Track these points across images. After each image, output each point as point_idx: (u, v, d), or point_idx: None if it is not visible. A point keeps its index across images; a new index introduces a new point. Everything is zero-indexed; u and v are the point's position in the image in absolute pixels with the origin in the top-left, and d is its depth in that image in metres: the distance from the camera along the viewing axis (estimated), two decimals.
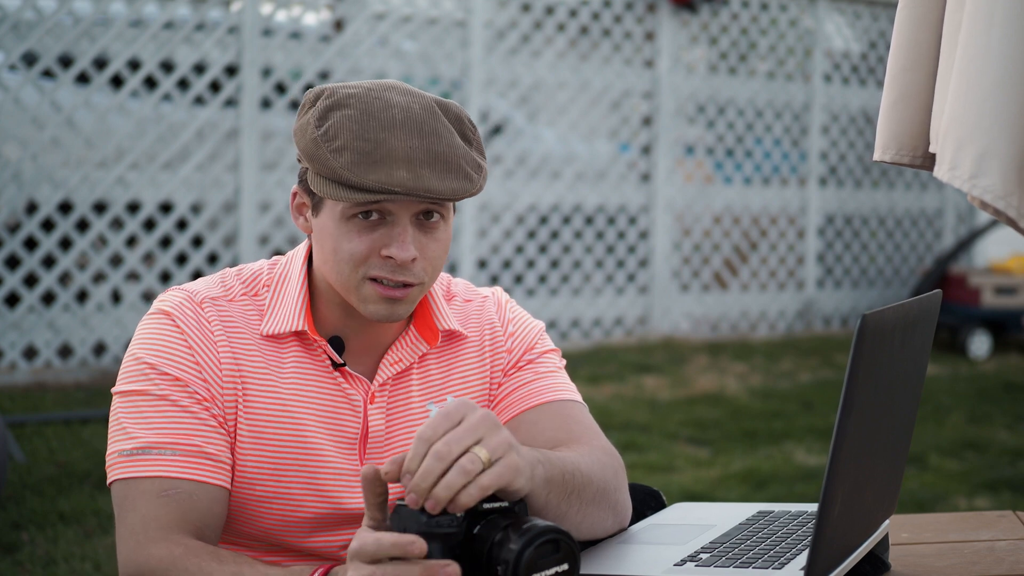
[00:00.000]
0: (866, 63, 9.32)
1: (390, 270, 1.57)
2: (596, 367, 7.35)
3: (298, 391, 1.63)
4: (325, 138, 1.54)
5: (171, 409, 1.56)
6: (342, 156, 1.52)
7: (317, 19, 7.51)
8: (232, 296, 1.65)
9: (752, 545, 1.51)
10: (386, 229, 1.57)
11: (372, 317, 1.60)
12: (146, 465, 1.54)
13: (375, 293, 1.58)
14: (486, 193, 7.75)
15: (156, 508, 1.52)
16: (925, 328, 1.52)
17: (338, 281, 1.60)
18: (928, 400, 6.44)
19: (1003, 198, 1.70)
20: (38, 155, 6.33)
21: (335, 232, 1.58)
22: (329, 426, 1.63)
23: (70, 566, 3.78)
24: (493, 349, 1.74)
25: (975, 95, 1.70)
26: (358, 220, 1.56)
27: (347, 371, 1.65)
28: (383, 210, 1.56)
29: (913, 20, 1.91)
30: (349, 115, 1.54)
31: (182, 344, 1.59)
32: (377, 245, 1.57)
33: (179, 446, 1.55)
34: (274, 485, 1.61)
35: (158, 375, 1.57)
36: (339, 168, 1.52)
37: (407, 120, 1.54)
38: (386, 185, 1.51)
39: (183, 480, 1.54)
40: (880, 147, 1.95)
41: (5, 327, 6.28)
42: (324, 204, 1.59)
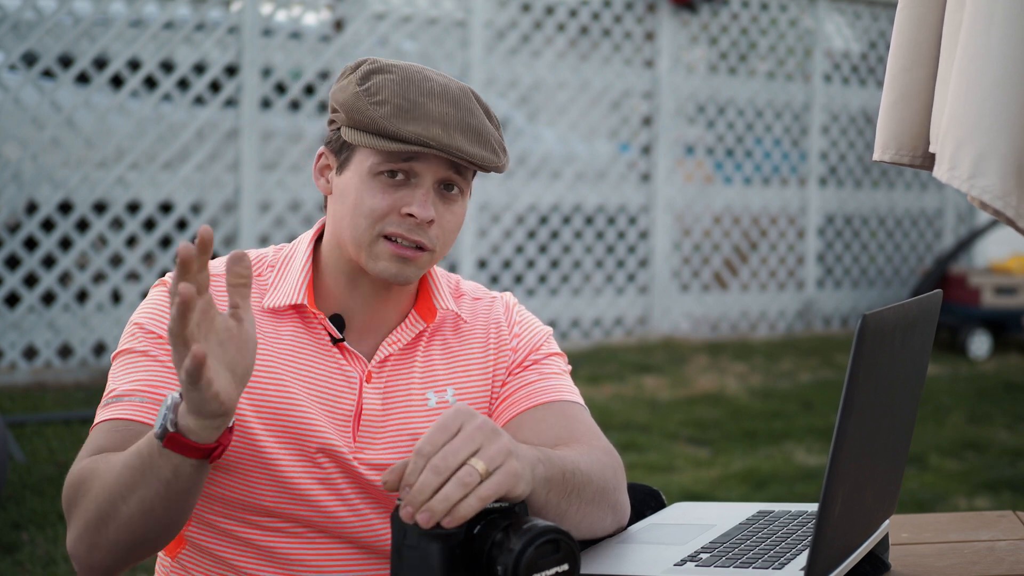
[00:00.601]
0: (866, 63, 9.32)
1: (407, 228, 1.61)
2: (596, 367, 7.35)
3: (292, 364, 1.65)
4: (367, 93, 1.61)
5: (147, 362, 1.61)
6: (382, 108, 1.59)
7: (317, 19, 7.51)
8: None
9: (752, 545, 1.51)
10: (409, 190, 1.62)
11: (380, 274, 1.63)
12: (114, 409, 1.58)
13: (387, 250, 1.62)
14: (486, 193, 7.76)
15: (104, 441, 1.55)
16: (926, 328, 1.52)
17: (352, 237, 1.63)
18: (928, 400, 6.44)
19: (1001, 198, 1.70)
20: (38, 155, 6.33)
21: (360, 187, 1.63)
22: (323, 401, 1.65)
23: (70, 566, 3.78)
24: (498, 347, 1.75)
25: (975, 95, 1.70)
26: (384, 178, 1.62)
27: (346, 347, 1.67)
28: (410, 170, 1.61)
29: (913, 20, 1.91)
30: (391, 78, 1.62)
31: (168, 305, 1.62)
32: (398, 203, 1.62)
33: (147, 393, 1.58)
34: (267, 452, 1.61)
35: (144, 333, 1.63)
36: (379, 118, 1.59)
37: (444, 92, 1.62)
38: (422, 137, 1.58)
39: (138, 423, 1.56)
40: (880, 147, 1.95)
41: (5, 327, 6.28)
42: (352, 161, 1.64)
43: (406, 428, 1.68)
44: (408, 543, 1.28)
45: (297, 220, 7.05)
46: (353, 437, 1.65)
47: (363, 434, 1.66)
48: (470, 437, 1.32)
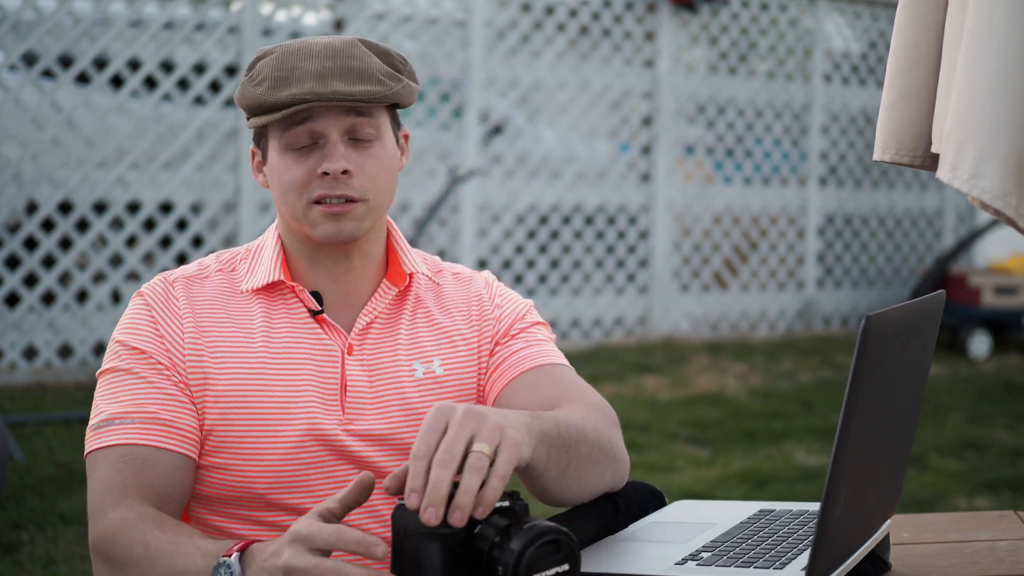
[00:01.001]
0: (866, 63, 9.32)
1: (328, 186, 1.65)
2: (596, 367, 7.35)
3: (270, 346, 1.67)
4: (250, 80, 1.67)
5: (133, 380, 1.63)
6: (259, 86, 1.65)
7: (317, 19, 7.51)
8: (207, 274, 1.73)
9: (753, 544, 1.51)
10: (319, 152, 1.66)
11: (324, 238, 1.67)
12: (108, 435, 1.60)
13: (320, 214, 1.66)
14: (486, 193, 7.75)
15: (114, 474, 1.57)
16: (928, 329, 1.52)
17: (291, 214, 1.69)
18: (928, 400, 6.44)
19: (1002, 198, 1.70)
20: (38, 155, 6.33)
21: (278, 167, 1.68)
22: (308, 375, 1.67)
23: (70, 566, 3.78)
24: (481, 319, 1.78)
25: (976, 96, 1.71)
26: (294, 150, 1.66)
27: (325, 320, 1.70)
28: (311, 133, 1.65)
29: (913, 20, 1.91)
30: (271, 58, 1.67)
31: (148, 319, 1.67)
32: (314, 167, 1.65)
33: (138, 414, 1.60)
34: (258, 443, 1.63)
35: (126, 350, 1.65)
36: (258, 95, 1.64)
37: (324, 50, 1.66)
38: (297, 96, 1.62)
39: (140, 446, 1.59)
40: (880, 147, 1.95)
41: (5, 327, 6.28)
42: (268, 148, 1.70)
43: (395, 399, 1.69)
44: (408, 542, 1.28)
45: None
46: (342, 410, 1.67)
47: (351, 406, 1.67)
48: (461, 425, 1.30)
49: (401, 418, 1.69)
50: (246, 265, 1.73)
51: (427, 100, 7.61)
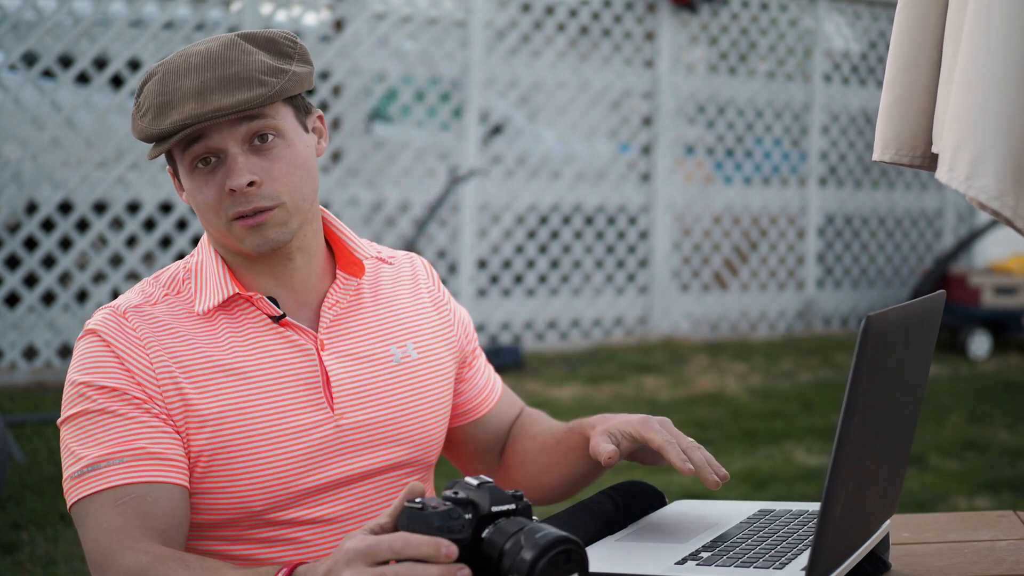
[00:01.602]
0: (866, 63, 9.32)
1: (239, 202, 1.60)
2: (596, 367, 7.35)
3: (241, 362, 1.62)
4: (137, 110, 1.62)
5: (110, 420, 1.56)
6: (146, 117, 1.59)
7: (317, 19, 7.51)
8: (154, 300, 1.66)
9: (753, 544, 1.51)
10: (224, 167, 1.60)
11: (254, 251, 1.63)
12: (97, 480, 1.53)
13: (241, 229, 1.61)
14: (486, 193, 7.75)
15: (115, 518, 1.51)
16: (929, 329, 1.52)
17: (215, 233, 1.65)
18: (928, 400, 6.44)
19: (998, 198, 1.70)
20: (38, 155, 6.33)
21: (190, 188, 1.63)
22: (289, 380, 1.63)
23: (70, 566, 3.78)
24: (436, 306, 1.83)
25: (974, 96, 1.71)
26: (199, 170, 1.61)
27: (289, 322, 1.66)
28: (210, 150, 1.60)
29: (912, 20, 1.91)
30: (153, 82, 1.61)
31: (110, 356, 1.59)
32: (222, 184, 1.60)
33: (125, 452, 1.55)
34: (251, 457, 1.60)
35: (95, 391, 1.58)
36: (145, 127, 1.59)
37: (202, 61, 1.58)
38: (178, 123, 1.56)
39: (135, 484, 1.53)
40: (879, 147, 1.95)
41: (5, 327, 6.28)
42: (178, 170, 1.65)
43: (379, 386, 1.69)
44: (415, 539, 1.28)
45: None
46: (330, 406, 1.65)
47: (339, 401, 1.65)
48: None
49: (387, 404, 1.69)
50: (191, 286, 1.67)
51: (427, 100, 7.61)
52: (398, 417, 1.70)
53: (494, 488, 1.31)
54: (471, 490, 1.31)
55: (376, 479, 1.69)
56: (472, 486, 1.31)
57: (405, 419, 1.71)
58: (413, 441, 1.72)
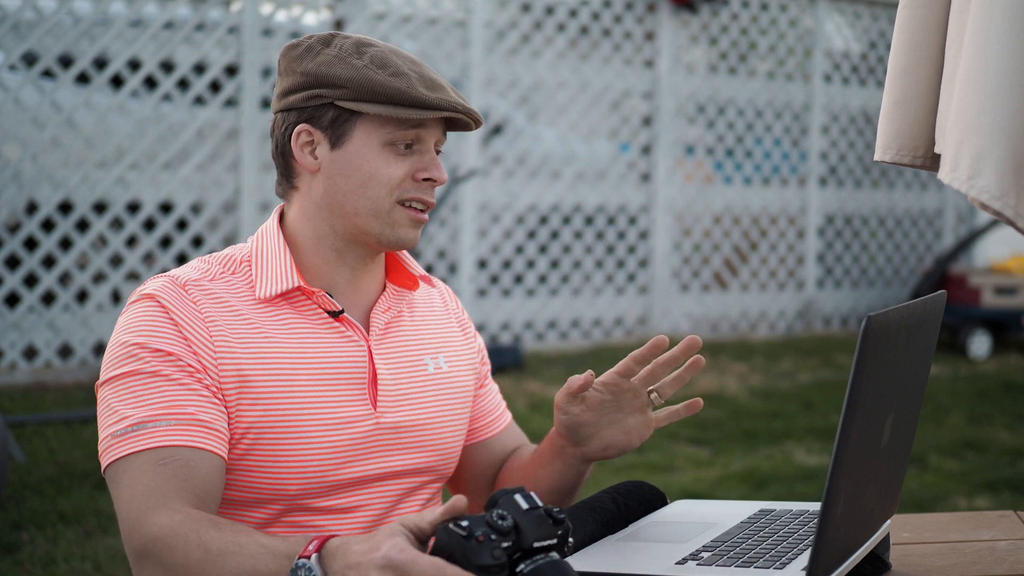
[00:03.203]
0: (866, 63, 9.32)
1: (423, 191, 1.69)
2: (596, 367, 7.32)
3: (297, 347, 1.66)
4: (376, 65, 1.65)
5: (163, 383, 1.58)
6: (402, 79, 1.64)
7: (317, 19, 7.51)
8: (212, 276, 1.68)
9: (754, 544, 1.51)
10: (417, 156, 1.68)
11: (397, 242, 1.69)
12: (142, 439, 1.54)
13: (407, 217, 1.69)
14: (486, 193, 7.76)
15: (155, 477, 1.52)
16: (929, 329, 1.52)
17: (367, 208, 1.67)
18: (928, 400, 6.44)
19: (999, 198, 1.70)
20: (38, 155, 6.33)
21: (372, 159, 1.66)
22: (339, 372, 1.67)
23: (70, 566, 3.78)
24: (463, 329, 1.89)
25: (975, 96, 1.71)
26: (395, 147, 1.67)
27: (347, 318, 1.70)
28: (417, 138, 1.68)
29: (913, 21, 1.91)
30: (382, 50, 1.68)
31: (168, 322, 1.61)
32: (412, 170, 1.68)
33: (173, 415, 1.56)
34: (295, 440, 1.62)
35: (148, 352, 1.59)
36: (406, 88, 1.63)
37: (421, 61, 1.72)
38: (449, 102, 1.65)
39: (180, 448, 1.55)
40: (881, 147, 1.96)
41: (5, 327, 6.28)
42: (352, 135, 1.66)
43: (415, 392, 1.75)
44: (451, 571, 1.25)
45: None
46: (373, 404, 1.69)
47: (383, 399, 1.70)
48: None
49: (422, 409, 1.75)
50: (251, 271, 1.69)
51: None
52: (429, 423, 1.76)
53: (541, 517, 1.29)
54: (519, 514, 1.28)
55: (401, 480, 1.73)
56: (521, 509, 1.29)
57: (435, 425, 1.77)
58: (438, 448, 1.77)
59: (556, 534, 1.30)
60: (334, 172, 1.67)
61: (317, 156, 1.68)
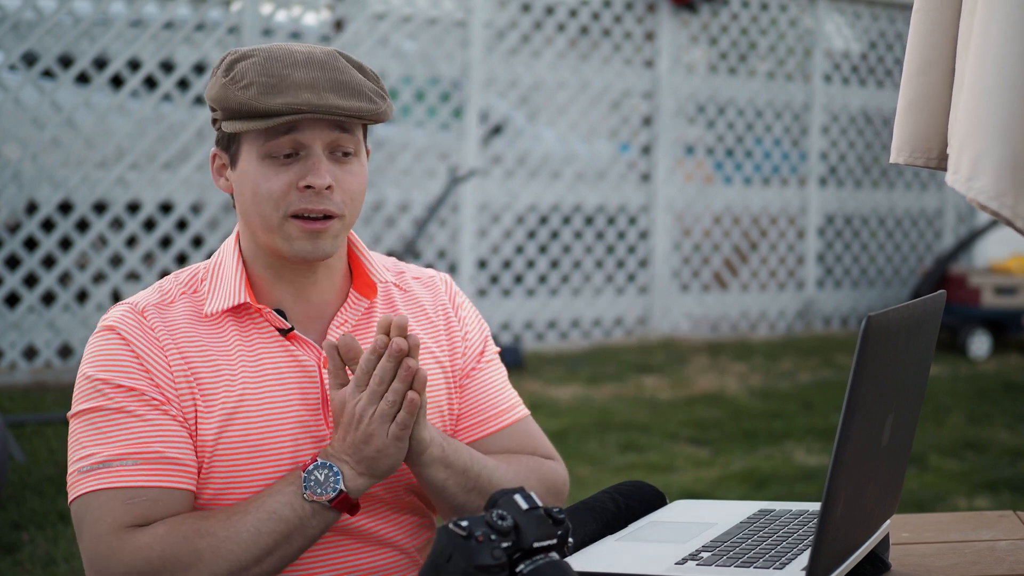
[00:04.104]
0: (866, 63, 9.32)
1: (309, 200, 1.61)
2: (596, 367, 7.35)
3: (249, 370, 1.63)
4: (232, 81, 1.61)
5: (128, 420, 1.57)
6: (249, 90, 1.59)
7: (317, 19, 7.51)
8: (172, 298, 1.67)
9: (754, 544, 1.51)
10: (301, 164, 1.62)
11: (298, 255, 1.63)
12: (108, 477, 1.55)
13: (298, 229, 1.62)
14: (486, 193, 7.76)
15: (122, 514, 1.53)
16: (929, 329, 1.52)
17: (262, 225, 1.64)
18: (928, 400, 6.44)
19: (997, 199, 1.70)
20: (38, 155, 6.33)
21: (254, 175, 1.63)
22: (291, 393, 1.64)
23: (70, 566, 3.78)
24: (448, 331, 1.80)
25: (976, 98, 1.71)
26: (274, 160, 1.62)
27: (296, 335, 1.67)
28: (295, 144, 1.61)
29: (927, 23, 1.91)
30: (254, 61, 1.62)
31: (129, 354, 1.60)
32: (295, 179, 1.62)
33: (140, 455, 1.56)
34: (251, 464, 1.61)
35: (111, 388, 1.59)
36: (248, 99, 1.59)
37: (309, 60, 1.62)
38: (292, 105, 1.58)
39: (148, 488, 1.55)
40: (896, 149, 1.96)
41: (5, 327, 6.28)
42: (240, 153, 1.64)
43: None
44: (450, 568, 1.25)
45: None
46: (327, 424, 1.65)
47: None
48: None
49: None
50: (207, 286, 1.68)
51: (427, 100, 7.61)
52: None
53: (541, 518, 1.29)
54: (519, 514, 1.29)
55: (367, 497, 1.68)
56: (521, 509, 1.29)
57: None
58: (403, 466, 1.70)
59: (556, 534, 1.30)
60: (237, 191, 1.67)
61: (228, 178, 1.68)
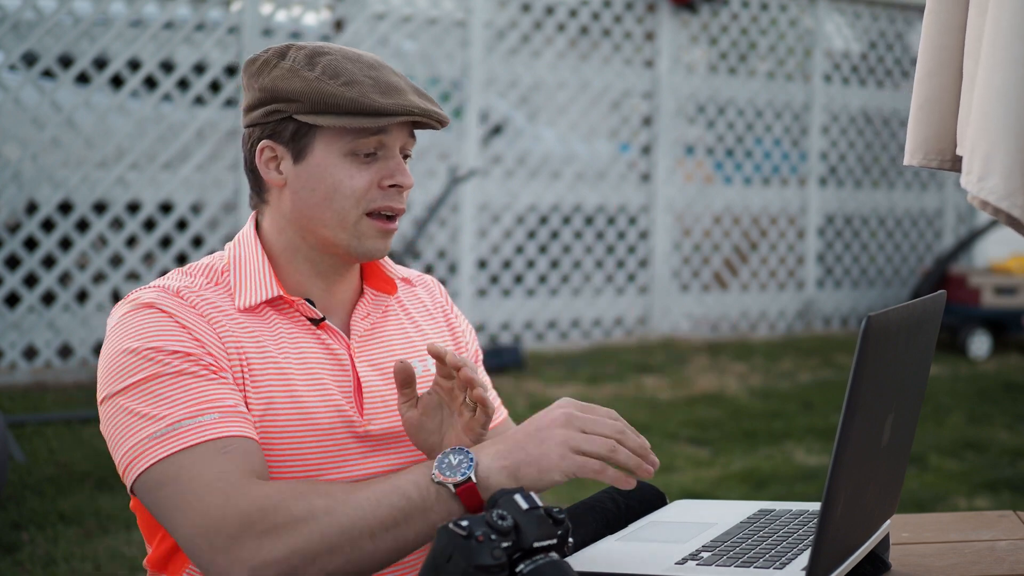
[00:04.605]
0: (866, 63, 9.32)
1: (392, 198, 1.66)
2: (596, 367, 7.35)
3: (291, 353, 1.65)
4: (327, 76, 1.62)
5: (192, 380, 1.54)
6: (355, 88, 1.61)
7: (317, 19, 7.51)
8: (198, 287, 1.66)
9: (754, 544, 1.51)
10: (381, 163, 1.66)
11: (367, 253, 1.67)
12: (192, 434, 1.50)
13: (374, 228, 1.66)
14: (486, 193, 7.76)
15: (225, 463, 1.49)
16: (929, 329, 1.52)
17: (333, 220, 1.65)
18: (928, 400, 6.44)
19: (1007, 198, 1.70)
20: (38, 155, 6.33)
21: (335, 171, 1.64)
22: (321, 382, 1.66)
23: (70, 566, 3.78)
24: (451, 329, 1.86)
25: (986, 99, 1.71)
26: (357, 157, 1.64)
27: (328, 326, 1.69)
28: (380, 145, 1.65)
29: (938, 25, 1.91)
30: (336, 59, 1.64)
31: (176, 326, 1.58)
32: (376, 177, 1.65)
33: (217, 408, 1.53)
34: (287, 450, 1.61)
35: (167, 355, 1.55)
36: (358, 97, 1.60)
37: (383, 64, 1.67)
38: (405, 107, 1.62)
39: (234, 438, 1.52)
40: (909, 151, 1.96)
41: (5, 327, 6.28)
42: (312, 148, 1.64)
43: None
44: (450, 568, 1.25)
45: None
46: (359, 411, 1.67)
47: (369, 407, 1.68)
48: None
49: None
50: (231, 276, 1.68)
51: None
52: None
53: (541, 517, 1.29)
54: (519, 514, 1.29)
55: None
56: (521, 509, 1.29)
57: None
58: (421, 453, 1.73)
59: (556, 534, 1.30)
60: (299, 186, 1.66)
61: (282, 171, 1.67)
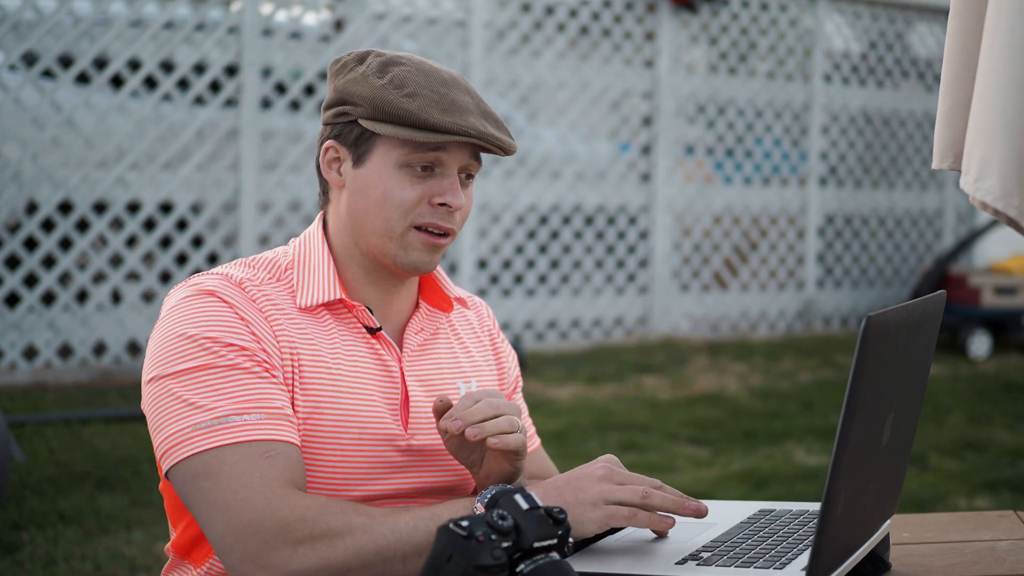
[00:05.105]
0: (866, 63, 9.32)
1: (440, 216, 1.66)
2: (596, 367, 7.35)
3: (343, 359, 1.65)
4: (393, 85, 1.63)
5: (244, 376, 1.54)
6: (416, 100, 1.62)
7: (317, 19, 7.51)
8: (260, 280, 1.66)
9: (754, 544, 1.51)
10: (436, 180, 1.66)
11: (412, 265, 1.67)
12: (237, 431, 1.50)
13: (420, 240, 1.66)
14: (486, 193, 7.76)
15: (268, 468, 1.49)
16: (929, 329, 1.52)
17: (383, 229, 1.66)
18: (928, 400, 6.44)
19: (1003, 198, 1.71)
20: (38, 155, 6.33)
21: (388, 180, 1.65)
22: (375, 389, 1.66)
23: (70, 566, 3.78)
24: (496, 353, 1.87)
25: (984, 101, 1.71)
26: (411, 169, 1.65)
27: (383, 336, 1.69)
28: (437, 161, 1.65)
29: (962, 29, 1.90)
30: (409, 70, 1.65)
31: (235, 318, 1.58)
32: (428, 193, 1.65)
33: (265, 409, 1.53)
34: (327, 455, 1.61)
35: (221, 347, 1.55)
36: (416, 110, 1.61)
37: (457, 82, 1.67)
38: (462, 127, 1.61)
39: (278, 442, 1.52)
40: (938, 156, 1.95)
41: (5, 327, 6.28)
42: (372, 154, 1.65)
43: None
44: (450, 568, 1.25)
45: (297, 220, 7.06)
46: (404, 425, 1.67)
47: (414, 422, 1.68)
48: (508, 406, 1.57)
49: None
50: (294, 274, 1.68)
51: None
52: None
53: (542, 517, 1.30)
54: (520, 514, 1.29)
55: (427, 498, 1.70)
56: (521, 509, 1.29)
57: None
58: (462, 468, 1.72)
59: (556, 534, 1.30)
60: (355, 190, 1.67)
61: (342, 173, 1.68)
